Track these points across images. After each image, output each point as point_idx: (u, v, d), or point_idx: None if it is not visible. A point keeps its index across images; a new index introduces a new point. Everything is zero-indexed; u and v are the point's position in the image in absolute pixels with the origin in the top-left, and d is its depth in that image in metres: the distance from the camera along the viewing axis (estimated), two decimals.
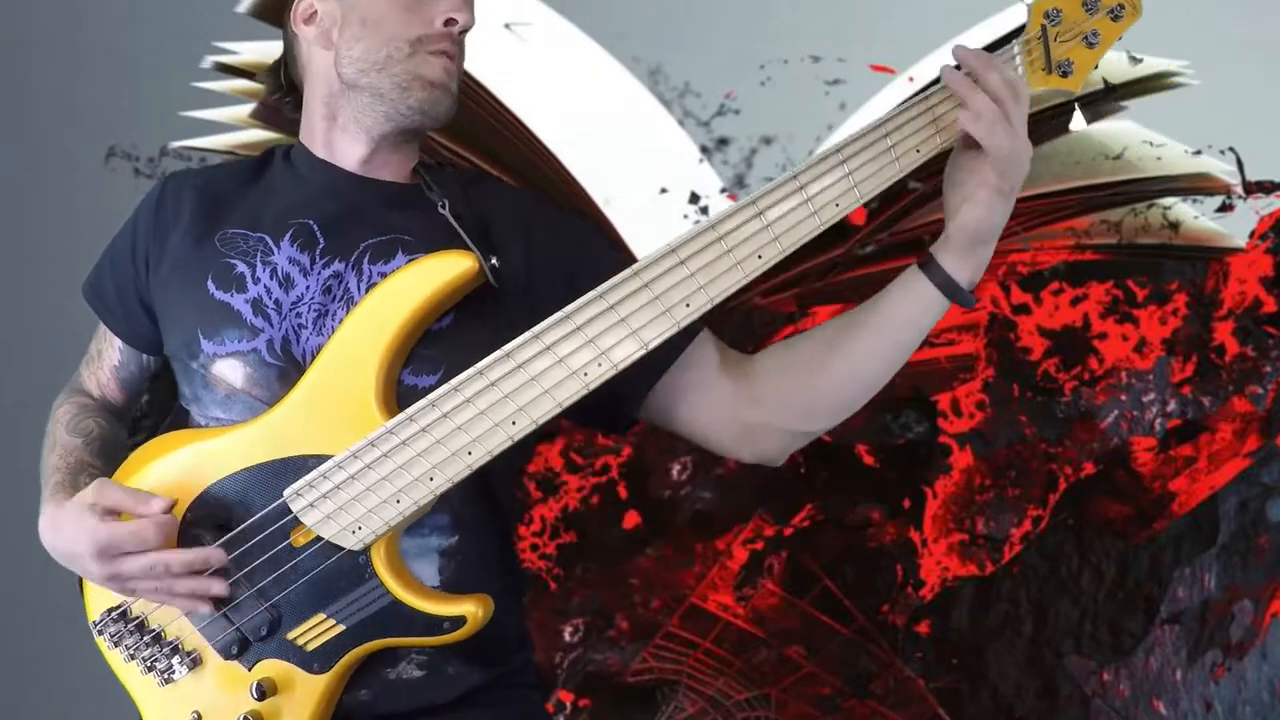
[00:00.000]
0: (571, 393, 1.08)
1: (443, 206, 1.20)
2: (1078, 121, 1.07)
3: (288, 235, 1.20)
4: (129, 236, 1.28)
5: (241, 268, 1.19)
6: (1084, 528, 1.98)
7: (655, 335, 1.07)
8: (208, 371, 1.18)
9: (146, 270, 1.25)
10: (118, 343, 1.32)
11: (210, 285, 1.19)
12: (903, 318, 1.13)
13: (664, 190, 2.16)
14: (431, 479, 1.09)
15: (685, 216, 2.15)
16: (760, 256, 1.07)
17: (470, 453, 1.09)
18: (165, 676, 1.16)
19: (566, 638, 2.16)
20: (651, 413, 1.21)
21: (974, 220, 1.07)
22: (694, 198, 2.16)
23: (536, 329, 1.07)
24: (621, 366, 1.07)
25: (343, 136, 1.23)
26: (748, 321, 2.12)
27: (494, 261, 1.14)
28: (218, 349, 1.18)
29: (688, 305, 1.07)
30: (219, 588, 1.12)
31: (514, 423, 1.08)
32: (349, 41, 1.20)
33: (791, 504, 2.09)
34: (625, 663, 2.14)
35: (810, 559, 2.09)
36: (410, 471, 1.09)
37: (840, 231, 2.03)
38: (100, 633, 1.19)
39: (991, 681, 2.01)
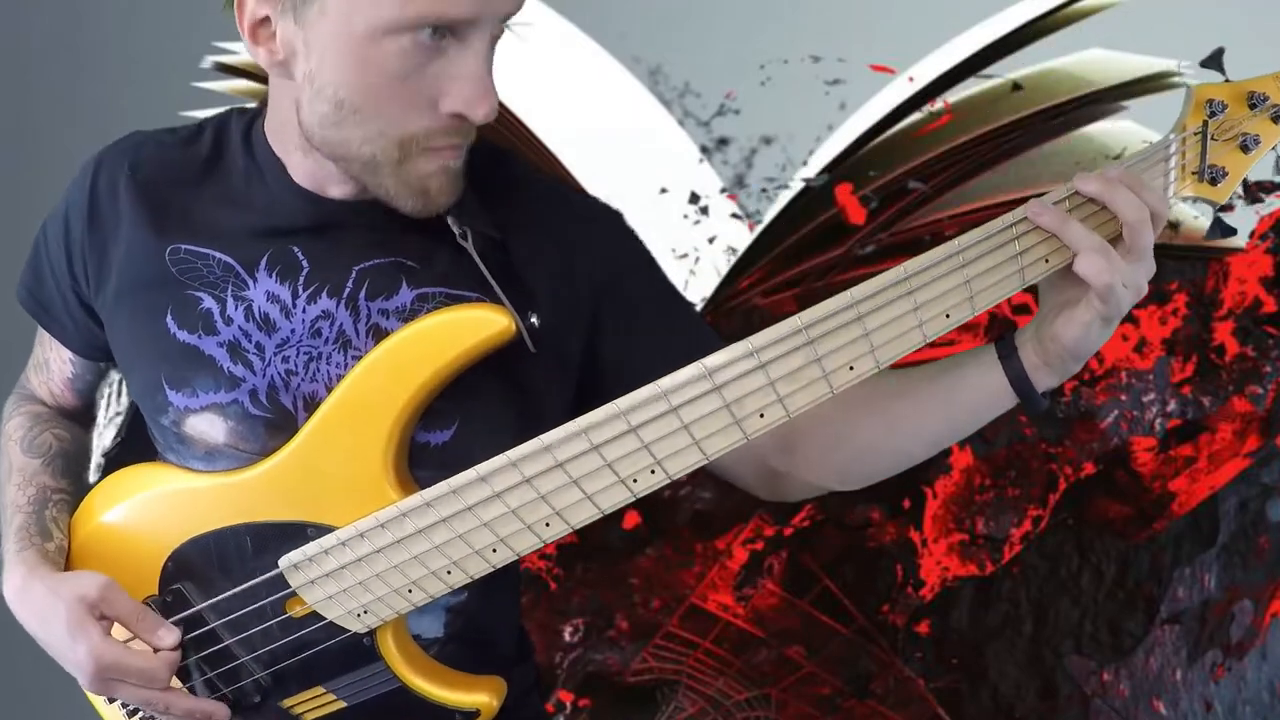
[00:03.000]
0: (616, 501, 0.93)
1: (464, 237, 1.00)
2: (1215, 232, 0.96)
3: (263, 262, 1.01)
4: (61, 240, 1.08)
5: (208, 303, 1.01)
6: (1084, 528, 1.98)
7: (720, 448, 0.92)
8: (180, 429, 1.02)
9: (88, 283, 1.07)
10: (68, 354, 1.16)
11: (170, 323, 1.01)
12: (969, 404, 1.01)
13: (664, 190, 2.16)
14: (449, 573, 0.98)
15: (685, 216, 2.15)
16: (852, 369, 0.92)
17: (495, 550, 0.96)
18: None
19: (566, 638, 2.16)
20: None
21: (1070, 339, 0.94)
22: (694, 198, 2.16)
23: (583, 424, 0.91)
24: (676, 477, 0.93)
25: (325, 170, 1.00)
26: (748, 322, 2.12)
27: (534, 320, 0.98)
28: (189, 401, 1.01)
29: (761, 416, 0.92)
30: None
31: (548, 525, 0.94)
32: (318, 116, 0.94)
33: (791, 504, 2.09)
34: (625, 663, 2.14)
35: (810, 559, 2.09)
36: (426, 564, 0.97)
37: (840, 231, 2.03)
38: None
39: (991, 681, 2.01)
